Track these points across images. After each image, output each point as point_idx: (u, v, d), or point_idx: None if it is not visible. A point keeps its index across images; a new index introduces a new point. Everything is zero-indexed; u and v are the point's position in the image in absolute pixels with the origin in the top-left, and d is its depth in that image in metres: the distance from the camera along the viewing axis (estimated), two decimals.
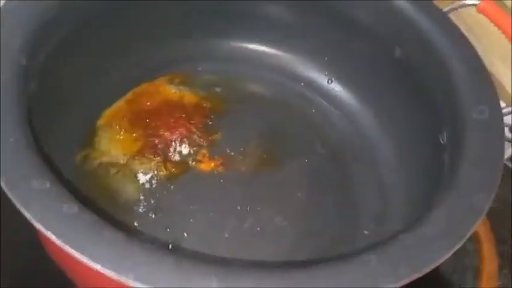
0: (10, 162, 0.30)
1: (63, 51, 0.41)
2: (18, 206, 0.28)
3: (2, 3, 0.36)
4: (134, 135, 0.48)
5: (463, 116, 0.40)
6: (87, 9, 0.43)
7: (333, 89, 0.55)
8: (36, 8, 0.37)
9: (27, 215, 0.28)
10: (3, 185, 0.29)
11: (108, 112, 0.49)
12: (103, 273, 0.28)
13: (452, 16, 0.46)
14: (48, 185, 0.29)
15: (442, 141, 0.43)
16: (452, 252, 0.32)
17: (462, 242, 0.33)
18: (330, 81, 0.55)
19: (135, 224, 0.44)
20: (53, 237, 0.28)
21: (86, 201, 0.30)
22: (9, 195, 0.29)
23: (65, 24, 0.40)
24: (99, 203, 0.44)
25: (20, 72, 0.34)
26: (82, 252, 0.27)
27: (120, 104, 0.50)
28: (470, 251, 0.53)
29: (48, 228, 0.28)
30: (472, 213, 0.34)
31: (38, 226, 0.28)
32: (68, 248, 0.28)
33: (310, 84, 0.55)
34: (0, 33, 0.35)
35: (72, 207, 0.29)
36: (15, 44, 0.35)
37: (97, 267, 0.27)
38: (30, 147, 0.31)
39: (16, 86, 0.33)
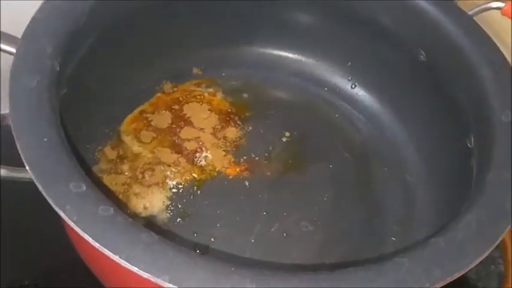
0: (46, 164, 0.30)
1: (93, 57, 0.42)
2: (56, 208, 0.29)
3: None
4: (160, 140, 0.49)
5: (491, 119, 0.40)
6: (116, 17, 0.44)
7: (357, 93, 0.55)
8: (66, 15, 0.38)
9: (65, 217, 0.29)
10: (40, 187, 0.29)
11: (133, 116, 0.50)
12: (138, 275, 0.28)
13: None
14: (84, 187, 0.30)
15: (469, 145, 0.43)
16: (484, 256, 0.32)
17: (494, 246, 0.32)
18: (353, 86, 0.56)
19: (163, 228, 0.44)
20: (89, 239, 0.28)
21: None
22: (46, 197, 0.29)
23: (94, 31, 0.41)
24: (126, 208, 0.44)
25: (54, 78, 0.34)
26: (119, 254, 0.28)
27: (145, 108, 0.50)
28: (495, 257, 0.53)
29: (84, 230, 0.28)
30: (502, 217, 0.34)
31: (75, 228, 0.28)
32: (104, 250, 0.28)
33: (334, 90, 0.56)
34: (35, 39, 0.35)
35: (107, 210, 0.29)
36: (48, 50, 0.35)
37: (133, 269, 0.28)
38: (65, 149, 0.31)
39: (50, 92, 0.34)
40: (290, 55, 0.56)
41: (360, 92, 0.55)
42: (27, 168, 0.30)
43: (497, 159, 0.37)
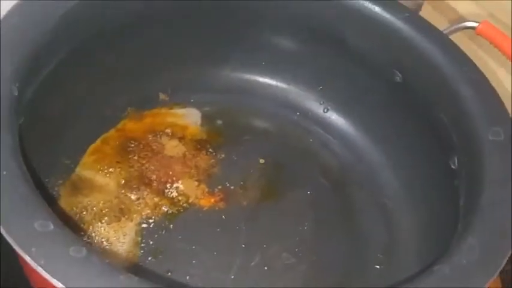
0: (6, 201, 0.26)
1: (53, 82, 0.38)
2: (19, 251, 0.25)
3: None
4: (126, 171, 0.45)
5: (477, 138, 0.39)
6: (78, 40, 0.40)
7: (330, 117, 0.54)
8: (27, 35, 0.34)
9: (30, 261, 0.25)
10: (1, 228, 0.25)
11: (96, 146, 0.46)
12: None
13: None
14: (51, 226, 0.26)
15: (452, 166, 0.42)
16: (491, 280, 0.30)
17: (500, 269, 0.31)
18: (325, 110, 0.54)
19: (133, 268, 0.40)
20: (60, 286, 0.24)
21: None
22: (8, 238, 0.25)
23: (55, 54, 0.38)
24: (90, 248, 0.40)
25: (12, 103, 0.31)
26: None
27: (109, 136, 0.47)
28: None
29: (54, 276, 0.24)
30: (504, 237, 0.32)
31: (43, 273, 0.24)
32: None
33: (307, 114, 0.54)
34: None
35: (80, 251, 0.26)
36: (6, 73, 0.31)
37: None
38: (27, 183, 0.28)
39: (8, 117, 0.30)
40: (260, 79, 0.54)
41: (333, 116, 0.54)
42: None
43: (490, 179, 0.35)
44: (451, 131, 0.42)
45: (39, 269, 0.25)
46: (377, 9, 0.46)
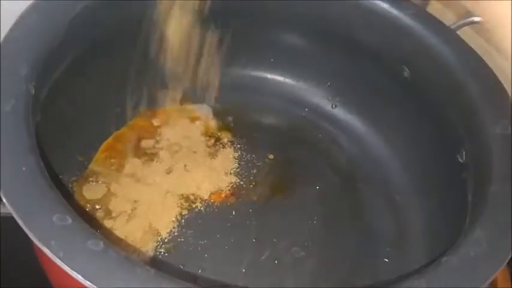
0: (25, 196, 0.27)
1: (67, 79, 0.39)
2: (39, 244, 0.26)
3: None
4: (139, 167, 0.46)
5: (485, 132, 0.39)
6: (92, 38, 0.41)
7: (338, 113, 0.54)
8: (41, 34, 0.35)
9: (49, 253, 0.25)
10: (20, 221, 0.26)
11: (108, 144, 0.47)
12: None
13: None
14: (69, 220, 0.27)
15: (460, 160, 0.42)
16: (497, 272, 0.31)
17: (506, 261, 0.31)
18: (334, 106, 0.54)
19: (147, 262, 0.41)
20: (79, 278, 0.25)
21: None
22: (28, 232, 0.26)
23: (70, 52, 0.38)
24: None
25: (29, 102, 0.31)
26: None
27: (121, 134, 0.48)
28: None
29: (73, 268, 0.25)
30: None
31: (62, 265, 0.25)
32: None
33: (315, 110, 0.54)
34: (8, 60, 0.32)
35: (97, 244, 0.26)
36: (23, 72, 0.32)
37: None
38: (45, 179, 0.29)
39: (27, 117, 0.31)
40: (269, 76, 0.55)
41: (341, 112, 0.54)
42: (4, 200, 0.27)
43: (498, 172, 0.36)
44: (458, 125, 0.43)
45: (58, 262, 0.25)
46: (385, 5, 0.46)
